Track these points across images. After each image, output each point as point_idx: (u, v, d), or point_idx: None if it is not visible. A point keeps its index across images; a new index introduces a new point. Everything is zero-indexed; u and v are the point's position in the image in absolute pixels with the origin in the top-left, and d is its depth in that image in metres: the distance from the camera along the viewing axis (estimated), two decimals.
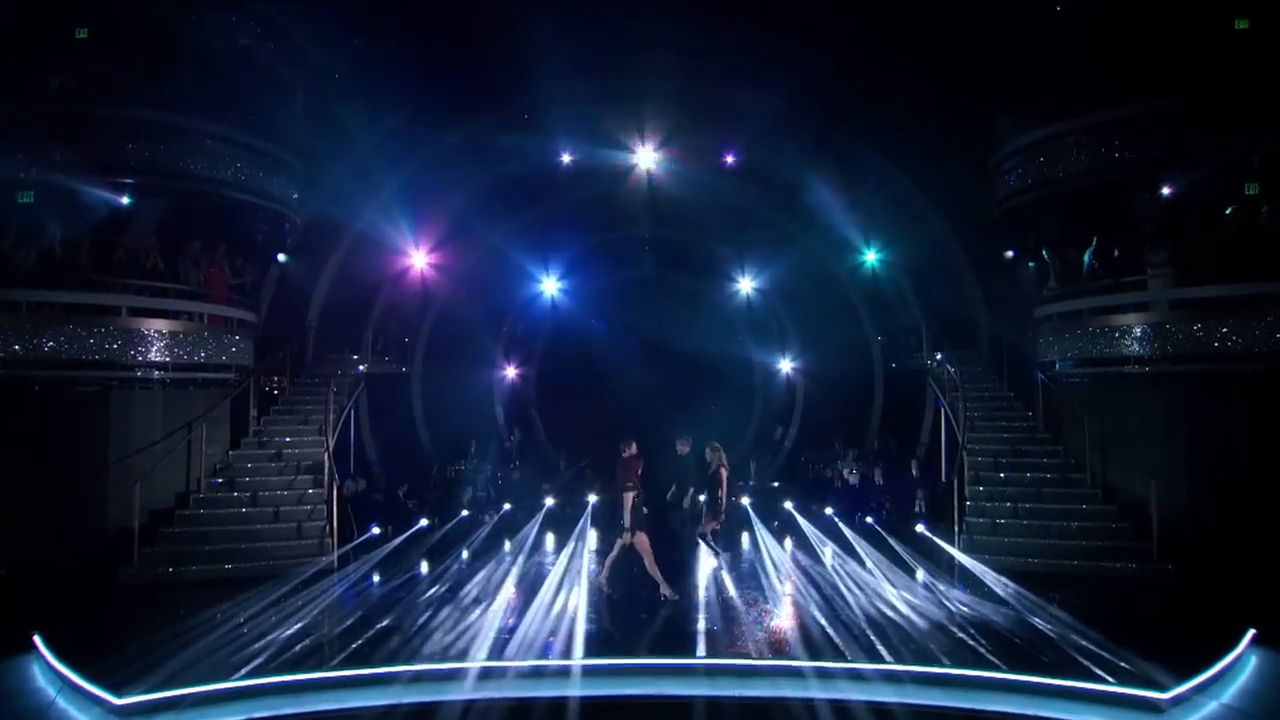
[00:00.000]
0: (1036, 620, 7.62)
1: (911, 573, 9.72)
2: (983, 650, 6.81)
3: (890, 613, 8.02)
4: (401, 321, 16.56)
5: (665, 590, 8.60)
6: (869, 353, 17.37)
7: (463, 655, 6.79)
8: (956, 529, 10.36)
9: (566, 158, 16.64)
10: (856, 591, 8.86)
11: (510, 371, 18.31)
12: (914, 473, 14.34)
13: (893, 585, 9.10)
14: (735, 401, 18.58)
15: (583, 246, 18.35)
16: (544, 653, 6.98)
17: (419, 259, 16.47)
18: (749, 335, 18.90)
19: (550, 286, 18.48)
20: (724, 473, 9.44)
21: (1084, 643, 6.85)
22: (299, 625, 7.58)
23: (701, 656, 6.88)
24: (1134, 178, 10.63)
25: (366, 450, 15.65)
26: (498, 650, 6.95)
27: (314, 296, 15.06)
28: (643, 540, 8.61)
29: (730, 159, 16.69)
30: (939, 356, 14.81)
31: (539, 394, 18.55)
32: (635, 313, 18.12)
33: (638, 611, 8.35)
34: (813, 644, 7.09)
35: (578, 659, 6.78)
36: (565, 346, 18.55)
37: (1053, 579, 9.23)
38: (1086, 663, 6.43)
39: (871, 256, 16.53)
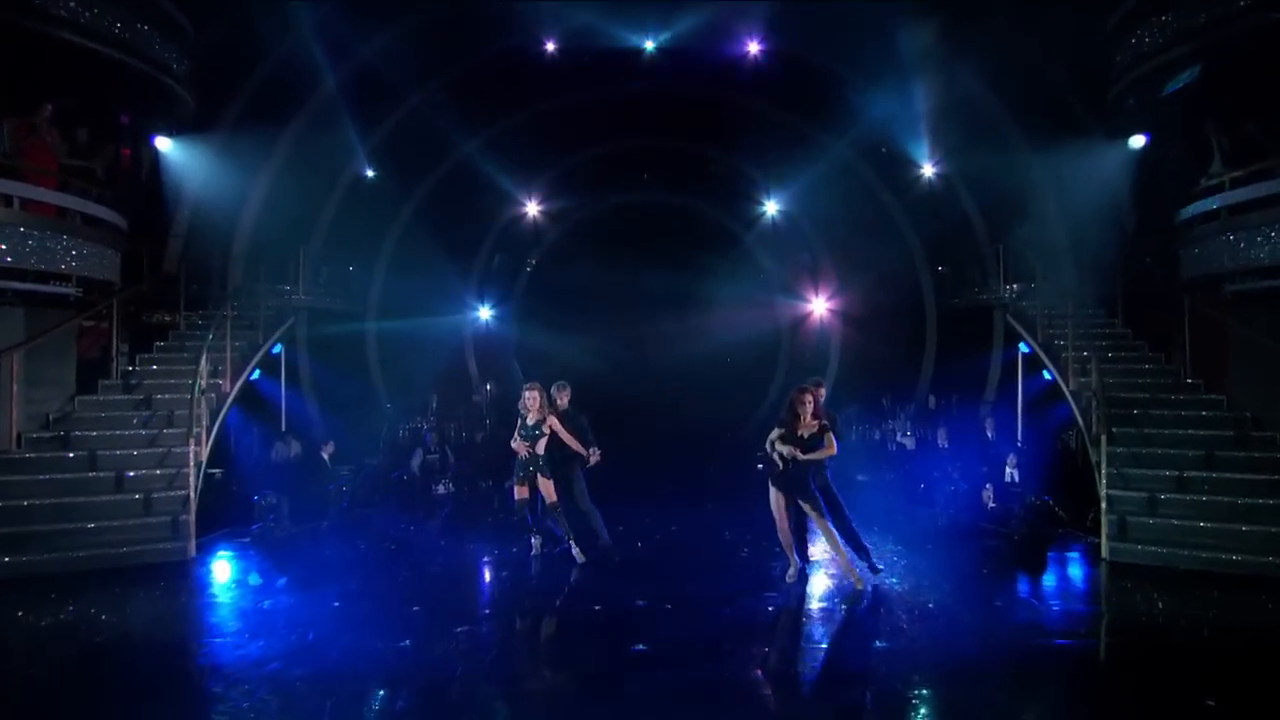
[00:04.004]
0: None
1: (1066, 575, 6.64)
2: None
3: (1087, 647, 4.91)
4: (353, 248, 13.34)
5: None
6: (920, 289, 14.12)
7: None
8: (1104, 507, 7.16)
9: (551, 47, 13.22)
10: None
11: (485, 312, 15.10)
12: (989, 434, 11.25)
13: (1047, 599, 6.05)
14: (757, 349, 15.41)
15: (573, 162, 15.07)
16: None
17: (372, 171, 13.27)
18: (774, 269, 15.61)
19: (534, 210, 15.27)
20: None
21: None
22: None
23: None
24: None
25: (308, 406, 12.53)
26: None
27: (242, 213, 11.84)
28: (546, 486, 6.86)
29: (754, 48, 13.25)
30: (1014, 288, 11.60)
31: (520, 339, 15.35)
32: (636, 242, 14.89)
33: (627, 639, 5.23)
34: None
35: None
36: (552, 283, 15.33)
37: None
38: None
39: (928, 169, 13.22)
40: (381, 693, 4.44)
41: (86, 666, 4.86)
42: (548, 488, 6.83)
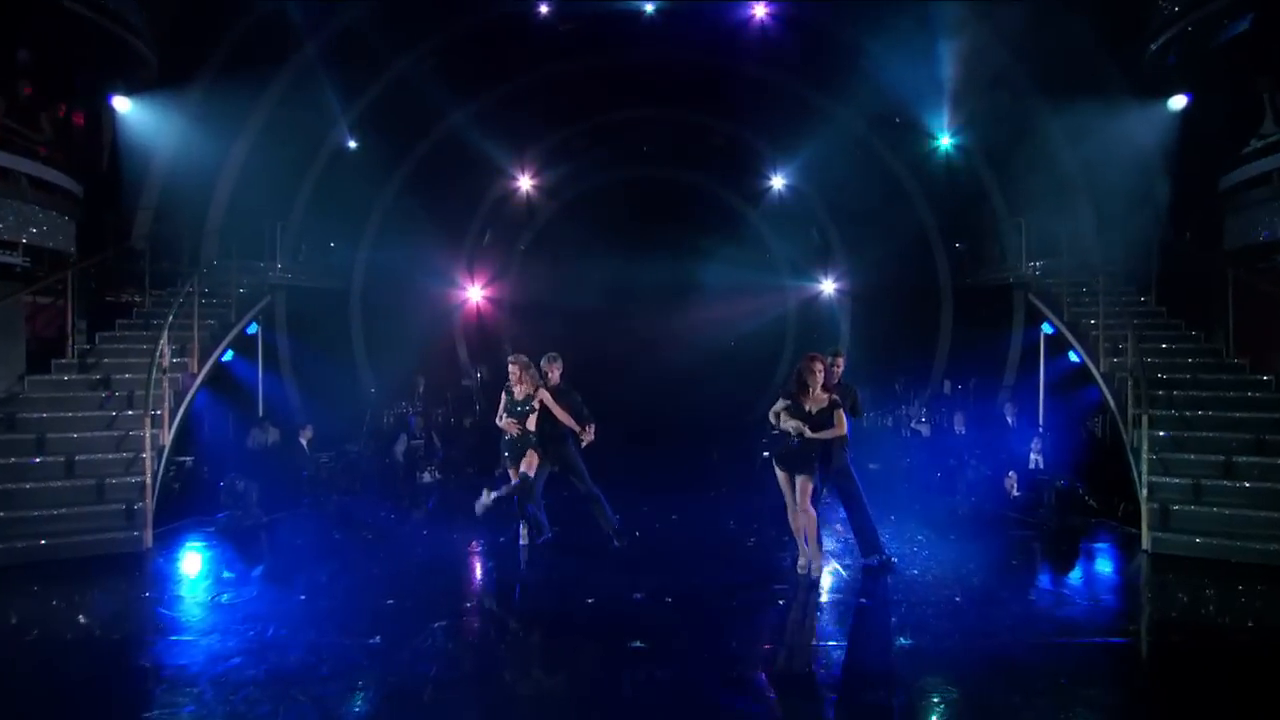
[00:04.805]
0: None
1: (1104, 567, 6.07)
2: None
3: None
4: (334, 222, 12.67)
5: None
6: (934, 268, 13.46)
7: None
8: (1144, 495, 6.55)
9: (544, 9, 12.47)
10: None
11: (476, 292, 14.47)
12: (1009, 420, 10.66)
13: (1086, 594, 5.50)
14: (761, 332, 14.80)
15: (568, 134, 14.39)
16: None
17: (355, 141, 12.54)
18: (781, 248, 14.97)
19: (527, 185, 14.61)
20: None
21: None
22: None
23: None
24: None
25: (286, 389, 11.91)
26: None
27: (215, 182, 11.16)
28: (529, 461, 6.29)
29: (762, 9, 12.52)
30: (1037, 265, 10.94)
31: (512, 321, 14.72)
32: (635, 219, 14.24)
33: (623, 635, 4.61)
34: None
35: None
36: (546, 262, 14.69)
37: None
38: None
39: (944, 139, 12.52)
40: (343, 695, 3.88)
41: (17, 666, 4.32)
42: (530, 462, 6.24)
